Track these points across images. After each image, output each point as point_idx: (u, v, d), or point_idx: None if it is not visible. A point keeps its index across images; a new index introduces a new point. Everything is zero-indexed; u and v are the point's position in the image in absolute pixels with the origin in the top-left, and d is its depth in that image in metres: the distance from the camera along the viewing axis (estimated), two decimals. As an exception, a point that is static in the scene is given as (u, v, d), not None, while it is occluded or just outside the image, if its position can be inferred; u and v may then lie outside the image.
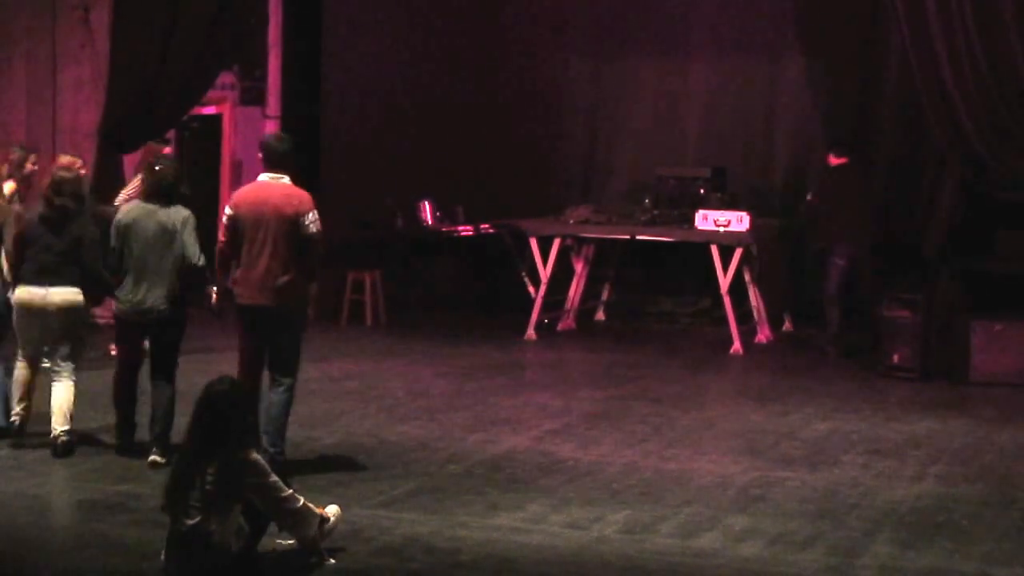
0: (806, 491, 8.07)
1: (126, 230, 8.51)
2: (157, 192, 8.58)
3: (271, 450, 7.97)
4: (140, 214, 8.53)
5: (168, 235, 8.47)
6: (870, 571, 6.66)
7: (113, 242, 8.57)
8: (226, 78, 14.86)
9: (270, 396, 8.20)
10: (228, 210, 8.28)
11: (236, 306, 8.25)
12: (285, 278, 8.06)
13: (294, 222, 8.06)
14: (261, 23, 14.89)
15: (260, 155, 8.39)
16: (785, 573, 6.61)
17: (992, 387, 11.25)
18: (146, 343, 8.80)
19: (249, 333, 8.24)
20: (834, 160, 13.06)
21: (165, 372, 8.57)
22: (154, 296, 8.45)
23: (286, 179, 8.24)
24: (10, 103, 14.14)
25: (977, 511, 7.72)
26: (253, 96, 15.47)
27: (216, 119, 15.51)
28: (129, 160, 12.78)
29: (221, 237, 8.31)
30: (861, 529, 7.32)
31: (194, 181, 14.78)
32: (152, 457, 8.37)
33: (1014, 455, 9.14)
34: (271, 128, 15.34)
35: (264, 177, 8.29)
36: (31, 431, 8.84)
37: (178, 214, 8.52)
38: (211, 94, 14.48)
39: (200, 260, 8.48)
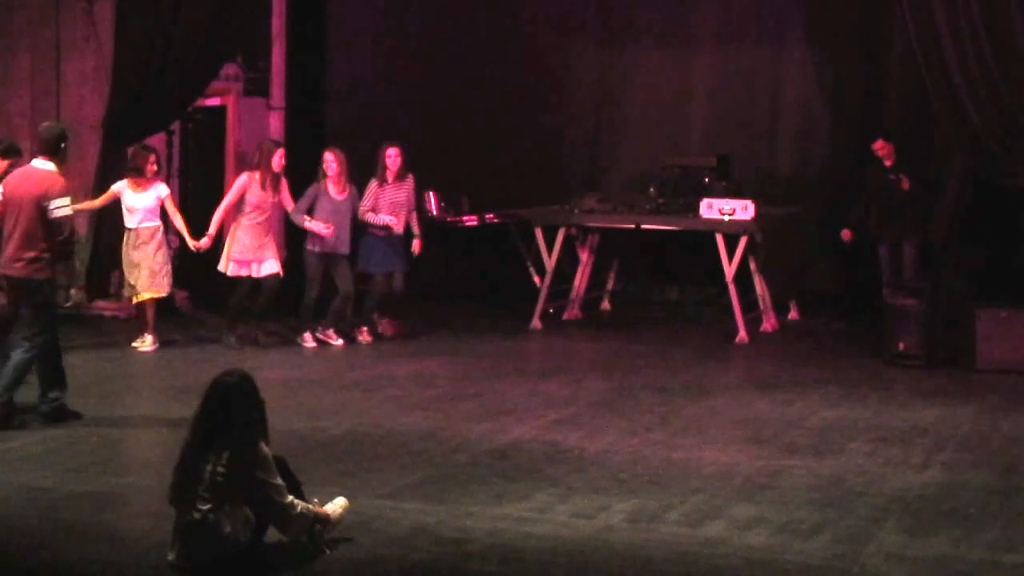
0: (812, 479, 8.06)
1: None
2: None
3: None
4: None
5: None
6: (877, 559, 6.65)
7: None
8: (230, 69, 14.83)
9: (12, 354, 9.16)
10: None
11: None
12: (29, 254, 9.05)
13: (41, 206, 9.04)
14: (264, 13, 14.89)
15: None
16: (792, 561, 6.61)
17: (998, 374, 11.23)
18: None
19: (6, 296, 9.48)
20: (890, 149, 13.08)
21: None
22: None
23: (51, 166, 9.23)
24: (14, 95, 14.14)
25: (984, 498, 7.71)
26: (257, 87, 15.45)
27: (220, 110, 15.49)
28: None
29: None
30: (868, 517, 7.31)
31: (197, 173, 14.88)
32: None
33: (1020, 442, 9.13)
34: (275, 119, 15.33)
35: (35, 163, 9.31)
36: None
37: None
38: (215, 85, 14.46)
39: None
